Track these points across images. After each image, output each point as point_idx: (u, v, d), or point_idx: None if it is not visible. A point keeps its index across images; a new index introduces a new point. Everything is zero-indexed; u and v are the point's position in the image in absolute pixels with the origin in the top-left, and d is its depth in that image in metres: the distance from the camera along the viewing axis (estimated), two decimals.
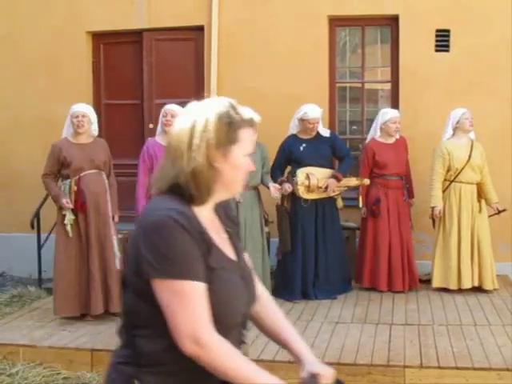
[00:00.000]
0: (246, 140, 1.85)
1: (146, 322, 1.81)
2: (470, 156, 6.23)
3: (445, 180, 6.33)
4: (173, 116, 5.80)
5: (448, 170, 6.28)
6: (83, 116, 5.65)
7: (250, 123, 1.87)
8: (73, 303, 5.56)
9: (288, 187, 6.12)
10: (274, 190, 6.05)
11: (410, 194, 6.55)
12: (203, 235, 1.80)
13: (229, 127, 1.82)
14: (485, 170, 6.33)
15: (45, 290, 6.87)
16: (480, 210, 6.30)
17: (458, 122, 6.31)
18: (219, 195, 1.89)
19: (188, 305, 1.73)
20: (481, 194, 6.31)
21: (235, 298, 1.84)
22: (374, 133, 6.48)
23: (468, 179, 6.28)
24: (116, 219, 5.83)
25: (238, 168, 1.86)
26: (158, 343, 1.79)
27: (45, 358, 4.89)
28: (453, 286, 6.26)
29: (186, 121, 1.84)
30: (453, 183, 6.31)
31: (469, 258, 6.25)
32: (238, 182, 1.89)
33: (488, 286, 6.26)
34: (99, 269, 5.57)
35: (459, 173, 6.26)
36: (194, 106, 1.88)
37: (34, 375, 4.69)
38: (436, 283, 6.36)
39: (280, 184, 6.17)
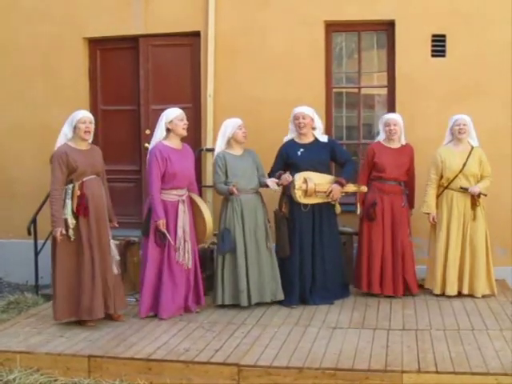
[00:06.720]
0: None
1: None
2: (464, 165, 6.23)
3: (440, 186, 6.37)
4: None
5: (441, 177, 6.32)
6: (90, 122, 5.60)
7: None
8: (71, 308, 5.54)
9: (288, 176, 6.10)
10: (272, 184, 6.08)
11: (410, 204, 6.52)
12: None
13: None
14: (484, 176, 6.29)
15: (42, 297, 6.87)
16: (474, 218, 6.26)
17: (451, 129, 6.35)
18: None
19: None
20: (475, 202, 6.25)
21: None
22: (381, 137, 6.51)
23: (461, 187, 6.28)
24: (116, 224, 5.84)
25: None
26: None
27: (42, 364, 4.86)
28: (436, 290, 6.30)
29: None
30: (446, 190, 6.33)
31: (456, 266, 6.25)
32: None
33: (479, 294, 6.22)
34: (100, 272, 5.55)
35: (452, 181, 6.28)
36: None
37: (31, 382, 4.67)
38: (426, 285, 6.47)
39: (279, 177, 6.17)
